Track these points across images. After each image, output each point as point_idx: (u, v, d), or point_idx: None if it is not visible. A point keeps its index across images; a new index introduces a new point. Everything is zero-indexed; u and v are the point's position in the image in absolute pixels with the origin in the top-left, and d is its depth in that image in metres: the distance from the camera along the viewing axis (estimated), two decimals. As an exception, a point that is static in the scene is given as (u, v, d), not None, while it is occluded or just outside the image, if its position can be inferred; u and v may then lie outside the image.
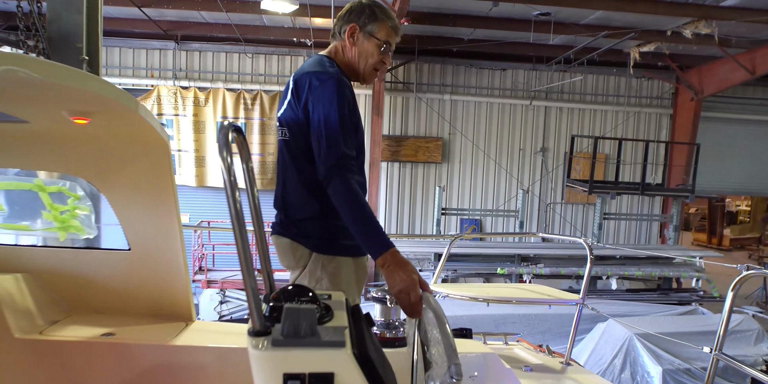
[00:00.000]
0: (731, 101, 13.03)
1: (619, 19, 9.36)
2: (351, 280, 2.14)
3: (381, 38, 2.12)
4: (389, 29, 2.13)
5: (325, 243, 2.10)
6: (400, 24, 2.20)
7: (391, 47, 2.15)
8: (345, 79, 2.07)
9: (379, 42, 2.11)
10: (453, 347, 1.01)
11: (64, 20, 3.45)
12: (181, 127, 11.51)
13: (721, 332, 2.23)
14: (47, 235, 2.30)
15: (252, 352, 1.05)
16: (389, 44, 2.14)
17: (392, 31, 2.14)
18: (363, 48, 2.13)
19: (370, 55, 2.12)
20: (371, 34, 2.11)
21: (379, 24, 2.12)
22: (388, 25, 2.13)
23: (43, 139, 1.84)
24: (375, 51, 2.12)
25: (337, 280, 2.09)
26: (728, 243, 19.11)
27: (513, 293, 3.21)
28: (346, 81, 2.07)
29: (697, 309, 8.39)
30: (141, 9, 9.23)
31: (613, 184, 11.58)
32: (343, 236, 2.08)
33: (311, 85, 1.98)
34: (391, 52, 2.17)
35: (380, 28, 2.12)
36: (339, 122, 1.91)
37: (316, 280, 2.11)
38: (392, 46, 2.16)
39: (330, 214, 2.01)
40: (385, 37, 2.12)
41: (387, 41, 2.13)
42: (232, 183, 1.08)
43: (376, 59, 2.14)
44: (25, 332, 1.86)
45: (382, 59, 2.15)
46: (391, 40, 2.15)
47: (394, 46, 2.18)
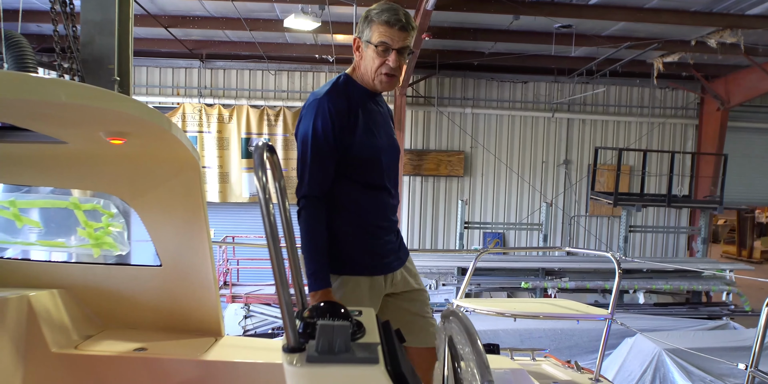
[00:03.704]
0: (759, 111, 12.80)
1: (642, 29, 9.30)
2: (368, 299, 2.11)
3: (374, 41, 2.00)
4: (382, 26, 1.99)
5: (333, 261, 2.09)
6: (401, 15, 2.00)
7: (390, 45, 2.00)
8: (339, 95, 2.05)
9: (376, 46, 2.01)
10: (486, 364, 1.01)
11: (97, 43, 3.57)
12: (206, 143, 11.71)
13: (757, 348, 2.18)
14: (81, 252, 2.35)
15: (287, 369, 1.06)
16: (385, 43, 2.00)
17: (386, 26, 1.98)
18: (365, 57, 2.07)
19: (371, 62, 2.04)
20: (368, 41, 2.03)
21: (372, 27, 2.02)
22: (381, 20, 1.99)
23: (80, 159, 1.90)
24: (374, 56, 2.02)
25: (351, 299, 2.07)
26: (759, 255, 18.62)
27: (540, 308, 3.18)
28: (333, 101, 2.02)
29: (729, 323, 8.18)
30: (168, 29, 9.47)
31: (639, 197, 11.41)
32: (352, 255, 2.11)
33: (301, 114, 2.13)
34: (393, 50, 2.01)
35: (373, 31, 2.01)
36: (302, 162, 2.03)
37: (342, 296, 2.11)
38: (395, 42, 2.00)
39: (338, 231, 2.08)
40: (379, 38, 2.00)
41: (382, 41, 2.00)
42: (267, 201, 1.10)
43: (377, 63, 2.03)
44: (61, 347, 1.91)
45: (384, 61, 2.02)
46: (388, 37, 1.99)
47: (399, 42, 2.01)
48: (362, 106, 2.11)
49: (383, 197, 2.16)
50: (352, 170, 2.09)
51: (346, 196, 2.10)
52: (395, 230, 2.24)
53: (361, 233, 2.12)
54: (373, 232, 2.14)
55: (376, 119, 2.16)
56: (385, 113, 2.26)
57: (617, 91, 12.69)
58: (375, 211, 2.15)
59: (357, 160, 2.07)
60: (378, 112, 2.19)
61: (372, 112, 2.15)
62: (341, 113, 2.02)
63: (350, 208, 2.10)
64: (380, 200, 2.16)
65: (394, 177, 2.22)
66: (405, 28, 2.01)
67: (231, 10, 8.69)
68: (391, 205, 2.21)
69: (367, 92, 2.14)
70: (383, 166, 2.15)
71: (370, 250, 2.13)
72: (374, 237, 2.14)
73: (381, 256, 2.16)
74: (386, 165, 2.16)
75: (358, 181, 2.11)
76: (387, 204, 2.18)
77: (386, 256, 2.18)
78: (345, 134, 2.03)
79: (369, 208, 2.14)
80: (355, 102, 2.09)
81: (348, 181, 2.09)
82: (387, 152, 2.18)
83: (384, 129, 2.19)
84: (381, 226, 2.17)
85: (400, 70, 2.07)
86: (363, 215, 2.12)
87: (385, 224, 2.18)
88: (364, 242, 2.12)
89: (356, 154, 2.06)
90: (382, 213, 2.17)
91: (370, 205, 2.14)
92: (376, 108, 2.19)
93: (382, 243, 2.16)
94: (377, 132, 2.14)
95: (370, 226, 2.13)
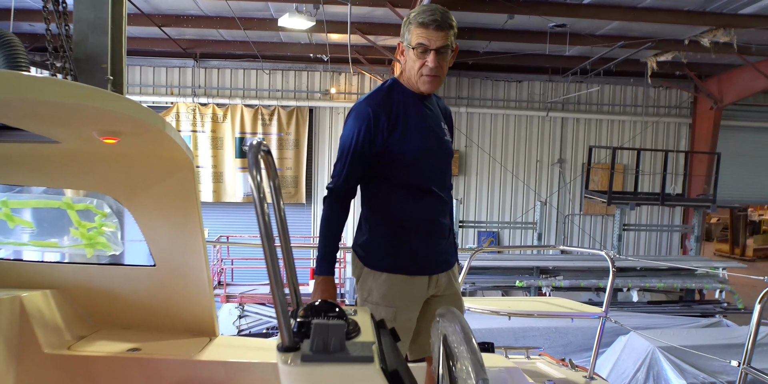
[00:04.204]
0: (752, 110, 12.86)
1: (636, 29, 9.33)
2: (406, 297, 2.13)
3: (412, 44, 2.04)
4: (419, 28, 2.02)
5: (373, 258, 2.16)
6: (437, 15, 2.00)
7: (428, 45, 2.02)
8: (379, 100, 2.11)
9: (414, 48, 2.04)
10: (480, 362, 1.01)
11: (90, 42, 3.55)
12: (200, 143, 11.68)
13: (749, 345, 2.19)
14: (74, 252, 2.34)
15: (282, 368, 1.06)
16: (422, 45, 2.02)
17: (422, 28, 2.01)
18: (408, 60, 2.10)
19: (412, 64, 2.07)
20: (408, 44, 2.07)
21: (410, 30, 2.05)
22: (417, 22, 2.02)
23: (73, 159, 1.89)
24: (414, 58, 2.06)
25: (387, 295, 2.12)
26: (752, 253, 18.74)
27: (534, 306, 3.19)
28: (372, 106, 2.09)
29: (722, 321, 8.24)
30: (161, 28, 9.43)
31: (633, 195, 11.46)
32: (391, 254, 2.14)
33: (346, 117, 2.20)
34: (432, 50, 2.02)
35: (411, 34, 2.05)
36: (337, 160, 2.14)
37: (367, 290, 2.15)
38: (432, 43, 2.01)
39: (380, 231, 2.16)
40: (416, 40, 2.03)
41: (419, 43, 2.02)
42: (262, 200, 1.10)
43: (418, 65, 2.06)
44: (54, 348, 1.90)
45: (423, 63, 2.04)
46: (425, 38, 2.01)
47: (437, 42, 2.01)
48: (407, 109, 2.13)
49: (427, 200, 2.16)
50: (393, 172, 2.12)
51: (385, 197, 2.15)
52: (443, 233, 2.23)
53: (401, 234, 2.14)
54: (414, 234, 2.15)
55: (423, 121, 2.15)
56: (437, 115, 2.24)
57: (611, 90, 12.73)
58: (416, 213, 2.15)
59: (398, 163, 2.10)
60: (427, 114, 2.18)
61: (419, 115, 2.15)
62: (378, 118, 2.06)
63: (389, 209, 2.15)
64: (423, 202, 2.15)
65: (442, 179, 2.22)
66: (441, 26, 2.01)
67: (225, 9, 8.66)
68: (438, 208, 2.20)
69: (414, 95, 2.15)
70: (428, 169, 2.15)
71: (409, 251, 2.15)
72: (415, 239, 2.16)
73: (421, 257, 2.16)
74: (431, 167, 2.16)
75: (400, 183, 2.13)
76: (431, 206, 2.18)
77: (428, 258, 2.18)
78: (383, 138, 2.07)
79: (409, 210, 2.15)
80: (399, 105, 2.12)
81: (388, 183, 2.14)
82: (434, 154, 2.17)
83: (433, 131, 2.18)
84: (423, 228, 2.16)
85: (441, 70, 2.08)
86: (403, 217, 2.15)
87: (428, 226, 2.18)
88: (401, 244, 2.15)
89: (397, 157, 2.09)
90: (426, 215, 2.17)
91: (411, 207, 2.15)
92: (424, 110, 2.18)
93: (424, 245, 2.16)
94: (423, 134, 2.14)
95: (410, 227, 2.15)
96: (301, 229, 12.17)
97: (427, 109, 2.20)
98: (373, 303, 2.12)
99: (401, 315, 2.10)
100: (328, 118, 12.10)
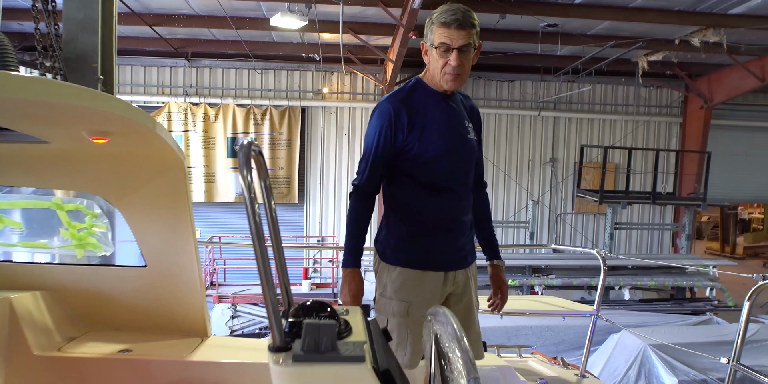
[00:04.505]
0: (742, 109, 12.97)
1: (627, 28, 9.38)
2: (419, 292, 2.15)
3: (435, 43, 2.06)
4: (441, 28, 2.04)
5: (388, 252, 2.21)
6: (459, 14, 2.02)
7: (450, 45, 2.03)
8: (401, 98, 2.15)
9: (437, 48, 2.06)
10: (472, 361, 1.01)
11: (80, 41, 3.53)
12: (191, 143, 11.63)
13: (738, 342, 2.21)
14: (64, 253, 2.33)
15: (273, 368, 1.06)
16: (444, 44, 2.04)
17: (444, 27, 2.03)
18: (431, 59, 2.13)
19: (435, 63, 2.10)
20: (431, 45, 2.10)
21: (432, 30, 2.07)
22: (439, 22, 2.04)
23: (63, 159, 1.87)
24: (437, 57, 2.08)
25: (399, 290, 2.15)
26: (742, 251, 18.89)
27: (527, 305, 3.20)
28: (393, 104, 2.13)
29: (712, 319, 8.29)
30: (152, 27, 9.38)
31: (624, 194, 11.52)
32: (406, 250, 2.18)
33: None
34: (454, 49, 2.04)
35: (434, 33, 2.07)
36: (361, 157, 2.20)
37: (383, 285, 2.19)
38: (454, 42, 2.03)
39: (399, 228, 2.20)
40: (439, 40, 2.05)
41: (441, 42, 2.04)
42: (252, 200, 1.09)
43: (441, 64, 2.08)
44: (43, 349, 1.88)
45: (446, 61, 2.06)
46: (447, 37, 2.03)
47: (459, 41, 2.03)
48: (428, 107, 2.15)
49: (446, 198, 2.17)
50: (413, 170, 2.15)
51: (404, 194, 2.19)
52: (462, 230, 2.24)
53: (418, 231, 2.17)
54: (431, 231, 2.17)
55: (444, 120, 2.16)
56: (461, 114, 2.25)
57: (603, 89, 12.80)
58: (435, 211, 2.17)
59: (417, 161, 2.13)
60: (449, 113, 2.19)
61: (441, 113, 2.16)
62: (398, 116, 2.11)
63: (408, 206, 2.18)
64: (441, 201, 2.17)
65: (464, 178, 2.24)
66: (463, 25, 2.03)
67: (217, 9, 8.63)
68: (457, 207, 2.21)
69: (438, 93, 2.17)
70: (447, 167, 2.16)
71: (424, 247, 2.18)
72: (431, 236, 2.18)
73: (436, 254, 2.19)
74: (451, 166, 2.17)
75: (419, 181, 2.16)
76: (450, 205, 2.19)
77: (444, 255, 2.20)
78: (403, 135, 2.11)
79: (428, 208, 2.17)
80: (420, 104, 2.15)
81: (408, 181, 2.17)
82: (454, 153, 2.17)
83: (455, 130, 2.19)
84: (441, 226, 2.18)
85: (463, 68, 2.09)
86: (421, 214, 2.17)
87: (447, 224, 2.19)
88: (416, 239, 2.18)
89: (416, 155, 2.12)
90: (444, 213, 2.18)
91: (429, 205, 2.17)
92: (447, 109, 2.19)
93: (439, 242, 2.18)
94: (443, 133, 2.15)
95: (427, 224, 2.17)
96: (293, 229, 12.15)
97: (450, 107, 2.20)
98: (387, 297, 2.16)
99: (414, 310, 2.12)
100: (320, 117, 12.08)
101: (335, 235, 12.11)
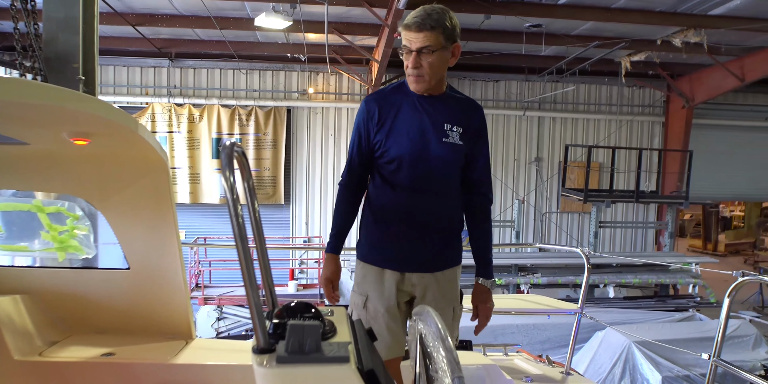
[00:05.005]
0: (722, 108, 13.16)
1: (610, 29, 9.47)
2: (377, 287, 2.19)
3: (402, 47, 2.11)
4: (403, 30, 2.07)
5: (358, 247, 2.31)
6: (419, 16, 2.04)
7: (410, 47, 2.06)
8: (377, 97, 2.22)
9: (402, 50, 2.11)
10: (456, 360, 1.02)
11: (60, 41, 3.48)
12: (176, 143, 11.53)
13: (719, 339, 2.25)
14: (46, 256, 2.30)
15: (257, 370, 1.05)
16: (406, 47, 2.07)
17: (405, 30, 2.06)
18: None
19: (405, 65, 2.13)
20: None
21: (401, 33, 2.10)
22: (403, 25, 2.07)
23: (43, 161, 1.85)
24: (404, 59, 2.12)
25: (360, 282, 2.24)
26: (723, 248, 19.18)
27: (512, 304, 3.22)
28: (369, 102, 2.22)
29: (695, 315, 8.41)
30: (135, 27, 9.29)
31: (608, 193, 11.64)
32: (368, 245, 2.26)
33: None
34: (413, 51, 2.06)
35: (402, 36, 2.09)
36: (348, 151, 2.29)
37: (355, 280, 2.28)
38: (412, 44, 2.05)
39: (366, 223, 2.29)
40: (403, 42, 2.09)
41: (403, 45, 2.08)
42: (235, 202, 1.09)
43: (405, 65, 2.12)
44: (24, 354, 1.85)
45: (407, 63, 2.10)
46: (408, 39, 2.06)
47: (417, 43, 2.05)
48: (402, 108, 2.16)
49: (407, 199, 2.16)
50: (381, 168, 2.21)
51: (373, 191, 2.25)
52: (423, 234, 2.19)
53: (379, 228, 2.23)
54: (389, 229, 2.20)
55: (417, 122, 2.15)
56: (441, 117, 2.17)
57: (586, 89, 12.91)
58: (393, 210, 2.19)
59: (383, 160, 2.18)
60: (424, 115, 2.16)
61: (414, 115, 2.15)
62: (371, 115, 2.18)
63: (375, 203, 2.24)
64: (402, 201, 2.17)
65: (430, 182, 2.17)
66: (421, 27, 2.03)
67: (201, 9, 8.57)
68: (417, 208, 2.17)
69: (417, 95, 2.16)
70: (410, 168, 2.14)
71: (381, 244, 2.22)
72: (391, 235, 2.20)
73: (392, 252, 2.20)
74: (415, 168, 2.14)
75: (386, 180, 2.19)
76: (409, 205, 2.17)
77: (399, 254, 2.20)
78: (373, 132, 2.18)
79: (387, 207, 2.20)
80: (395, 105, 2.17)
81: (378, 178, 2.22)
82: (418, 155, 2.14)
83: (425, 133, 2.15)
84: (400, 227, 2.18)
85: (424, 70, 2.08)
86: (382, 212, 2.21)
87: (405, 225, 2.18)
88: (378, 236, 2.24)
89: (381, 154, 2.17)
90: (402, 214, 2.17)
91: (389, 204, 2.19)
92: (422, 111, 2.16)
93: (397, 242, 2.19)
94: (413, 135, 2.14)
95: (388, 223, 2.21)
96: (279, 230, 12.11)
97: (425, 110, 2.16)
98: (353, 290, 2.27)
99: (369, 304, 2.18)
100: (306, 118, 12.05)
101: (321, 236, 12.09)
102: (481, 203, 2.30)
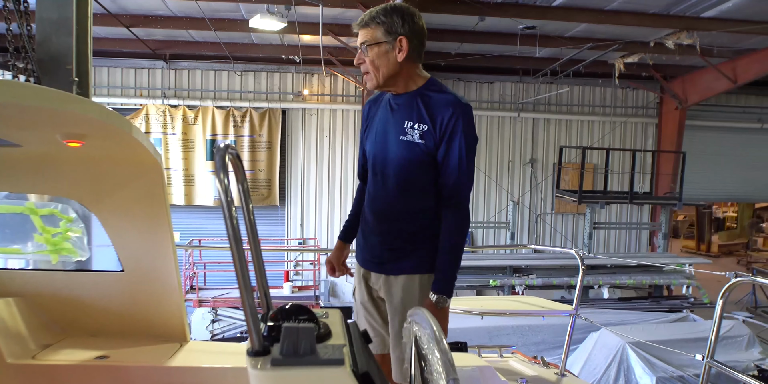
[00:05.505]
0: (715, 110, 13.24)
1: (603, 31, 9.51)
2: (356, 282, 2.32)
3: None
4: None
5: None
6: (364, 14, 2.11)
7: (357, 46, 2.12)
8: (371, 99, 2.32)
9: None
10: (451, 362, 1.02)
11: (54, 42, 3.46)
12: (170, 145, 11.50)
13: (713, 339, 2.26)
14: (39, 258, 2.28)
15: (251, 372, 1.05)
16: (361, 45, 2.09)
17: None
18: None
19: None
20: None
21: None
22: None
23: (36, 163, 1.84)
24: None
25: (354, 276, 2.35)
26: (717, 249, 19.25)
27: (507, 305, 3.22)
28: (366, 104, 2.33)
29: (689, 316, 8.43)
30: (129, 29, 9.26)
31: (602, 194, 11.67)
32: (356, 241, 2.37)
33: None
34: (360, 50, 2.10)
35: None
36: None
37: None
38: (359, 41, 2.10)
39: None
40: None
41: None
42: (229, 203, 1.09)
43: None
44: (17, 357, 1.84)
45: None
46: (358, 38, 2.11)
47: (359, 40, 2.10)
48: (380, 109, 2.22)
49: (370, 196, 2.23)
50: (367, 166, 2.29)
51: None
52: (370, 231, 2.22)
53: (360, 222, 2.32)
54: (361, 225, 2.31)
55: (382, 122, 2.16)
56: (401, 115, 2.09)
57: (580, 91, 12.96)
58: (366, 206, 2.28)
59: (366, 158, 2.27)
60: (387, 114, 2.15)
61: (382, 114, 2.18)
62: (364, 116, 2.32)
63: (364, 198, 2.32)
64: (369, 198, 2.26)
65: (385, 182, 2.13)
66: (360, 24, 2.09)
67: (195, 10, 8.56)
68: (372, 208, 2.20)
69: (391, 95, 2.18)
70: (372, 168, 2.20)
71: (357, 239, 2.35)
72: (360, 230, 2.31)
73: (358, 247, 2.33)
74: (374, 167, 2.17)
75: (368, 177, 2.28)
76: (371, 203, 2.22)
77: (362, 251, 2.30)
78: (364, 134, 2.29)
79: (365, 203, 2.29)
80: (379, 106, 2.23)
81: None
82: (380, 153, 2.14)
83: (384, 131, 2.13)
84: (365, 223, 2.28)
85: (367, 66, 2.07)
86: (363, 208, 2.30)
87: (364, 223, 2.28)
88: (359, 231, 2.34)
89: (364, 153, 2.28)
90: (367, 212, 2.26)
91: (366, 201, 2.28)
92: (388, 110, 2.15)
93: (362, 239, 2.31)
94: (378, 135, 2.17)
95: (362, 219, 2.30)
96: (274, 232, 12.08)
97: (389, 108, 2.15)
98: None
99: (354, 297, 2.35)
100: (301, 119, 12.04)
101: (316, 238, 12.07)
102: (446, 216, 2.11)
